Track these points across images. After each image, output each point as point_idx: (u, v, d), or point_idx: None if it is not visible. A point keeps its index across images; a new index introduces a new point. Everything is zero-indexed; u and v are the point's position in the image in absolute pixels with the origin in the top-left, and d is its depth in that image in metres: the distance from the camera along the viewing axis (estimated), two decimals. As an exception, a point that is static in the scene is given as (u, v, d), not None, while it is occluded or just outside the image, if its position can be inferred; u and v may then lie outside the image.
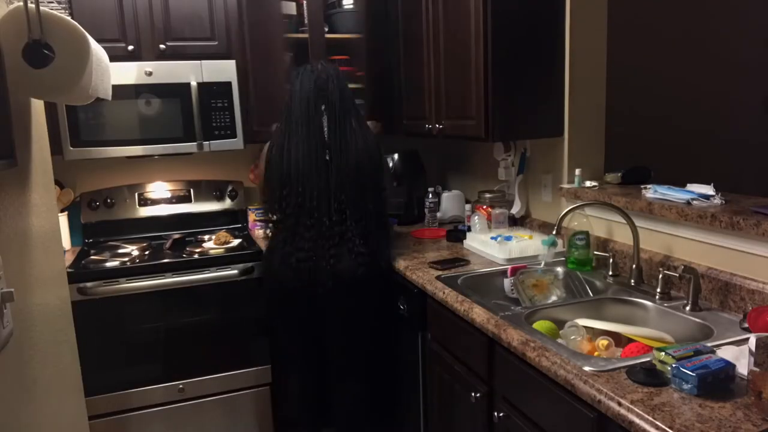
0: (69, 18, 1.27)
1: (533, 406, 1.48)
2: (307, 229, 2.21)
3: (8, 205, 1.21)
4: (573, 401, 1.30)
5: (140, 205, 2.96)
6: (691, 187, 1.85)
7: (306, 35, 2.84)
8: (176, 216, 3.02)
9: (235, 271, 2.57)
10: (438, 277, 2.05)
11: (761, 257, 1.54)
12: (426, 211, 2.93)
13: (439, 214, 3.05)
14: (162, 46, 2.66)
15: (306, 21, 2.85)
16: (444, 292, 1.91)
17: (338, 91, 2.24)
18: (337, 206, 2.21)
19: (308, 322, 2.31)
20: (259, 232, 3.02)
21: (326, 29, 2.88)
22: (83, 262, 2.52)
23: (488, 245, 2.31)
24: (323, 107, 2.22)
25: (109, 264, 2.49)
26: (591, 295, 1.97)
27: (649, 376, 1.22)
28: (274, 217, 2.30)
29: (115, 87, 2.52)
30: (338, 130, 2.21)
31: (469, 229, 2.53)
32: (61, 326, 1.60)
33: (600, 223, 2.15)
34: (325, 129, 2.22)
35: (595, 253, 2.08)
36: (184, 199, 3.03)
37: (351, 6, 2.93)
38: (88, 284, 2.39)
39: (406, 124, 2.95)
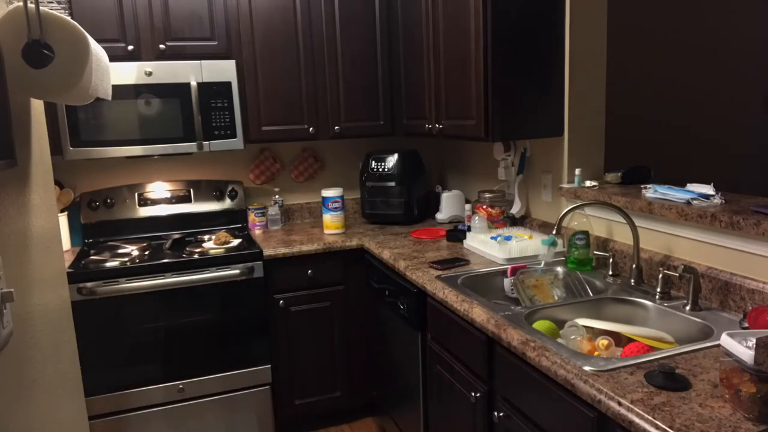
0: (69, 18, 1.26)
1: (533, 406, 1.48)
2: None
3: (8, 205, 1.21)
4: (573, 401, 1.30)
5: (140, 205, 2.96)
6: (691, 186, 1.85)
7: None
8: (176, 216, 3.02)
9: (235, 271, 2.57)
10: (438, 277, 2.05)
11: (761, 257, 1.54)
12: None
13: (439, 215, 3.05)
14: (162, 46, 2.66)
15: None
16: (444, 292, 1.91)
17: None
18: None
19: None
20: (258, 232, 3.03)
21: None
22: (83, 262, 2.52)
23: (488, 245, 2.31)
24: None
25: (109, 264, 2.49)
26: (591, 294, 1.97)
27: (668, 380, 1.20)
28: None
29: (115, 87, 2.53)
30: None
31: (469, 229, 2.53)
32: (61, 326, 1.60)
33: (600, 222, 2.15)
34: None
35: (595, 252, 2.08)
36: (184, 199, 3.03)
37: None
38: (88, 284, 2.39)
39: (406, 124, 2.95)
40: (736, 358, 1.08)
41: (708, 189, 1.79)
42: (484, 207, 2.60)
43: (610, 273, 1.96)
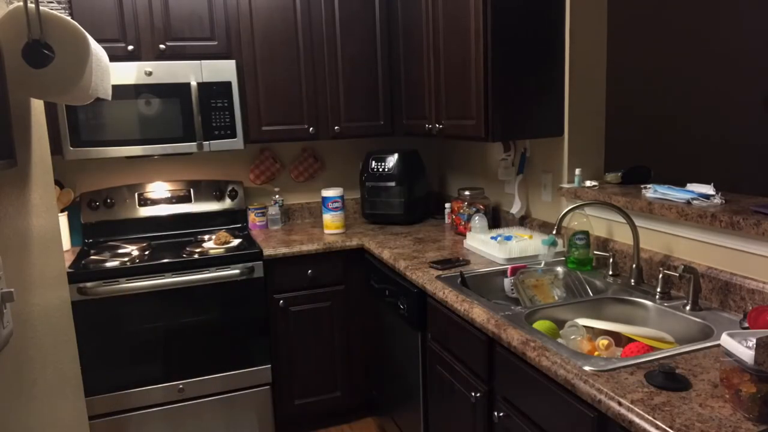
0: (69, 18, 1.26)
1: (533, 406, 1.48)
2: None
3: (8, 205, 1.21)
4: (573, 401, 1.30)
5: (140, 205, 2.96)
6: (691, 186, 1.85)
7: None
8: (176, 216, 3.02)
9: (235, 271, 2.57)
10: (438, 277, 2.05)
11: (761, 257, 1.54)
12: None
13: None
14: (162, 46, 2.66)
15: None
16: (444, 292, 1.91)
17: None
18: None
19: None
20: (258, 232, 3.02)
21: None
22: (83, 262, 2.52)
23: (488, 245, 2.31)
24: None
25: (109, 264, 2.49)
26: (591, 294, 1.97)
27: (669, 380, 1.20)
28: None
29: (115, 87, 2.53)
30: None
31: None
32: (61, 326, 1.59)
33: (600, 222, 2.15)
34: None
35: (595, 252, 2.08)
36: (184, 199, 3.03)
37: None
38: (88, 284, 2.39)
39: (406, 124, 2.95)
40: (736, 358, 1.08)
41: (708, 189, 1.79)
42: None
43: (610, 273, 1.96)
